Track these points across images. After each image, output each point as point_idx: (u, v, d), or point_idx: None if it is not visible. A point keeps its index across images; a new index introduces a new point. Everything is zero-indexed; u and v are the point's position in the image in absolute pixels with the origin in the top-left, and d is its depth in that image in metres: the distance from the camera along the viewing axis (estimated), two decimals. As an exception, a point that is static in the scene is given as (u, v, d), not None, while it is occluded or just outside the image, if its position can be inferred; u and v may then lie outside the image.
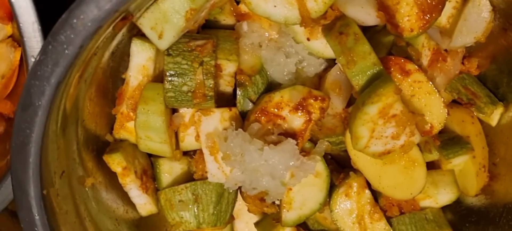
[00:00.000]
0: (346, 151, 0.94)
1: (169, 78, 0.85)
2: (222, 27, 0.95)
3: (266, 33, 0.92)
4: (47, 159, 0.76)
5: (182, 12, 0.80)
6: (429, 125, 0.89)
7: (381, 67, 0.83)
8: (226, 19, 0.94)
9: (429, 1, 0.79)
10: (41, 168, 0.75)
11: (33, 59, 0.79)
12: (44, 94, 0.70)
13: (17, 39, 1.00)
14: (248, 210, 0.98)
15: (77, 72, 0.73)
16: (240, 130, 0.86)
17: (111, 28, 0.72)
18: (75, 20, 0.66)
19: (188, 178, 0.97)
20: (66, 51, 0.67)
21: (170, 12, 0.79)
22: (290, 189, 0.91)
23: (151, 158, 0.98)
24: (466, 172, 0.97)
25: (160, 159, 0.96)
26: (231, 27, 0.95)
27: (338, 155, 0.99)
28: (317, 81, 0.95)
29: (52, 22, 0.76)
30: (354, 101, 0.89)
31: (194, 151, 0.96)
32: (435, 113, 0.89)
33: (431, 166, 0.97)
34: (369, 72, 0.83)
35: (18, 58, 1.00)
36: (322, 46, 0.90)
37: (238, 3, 0.93)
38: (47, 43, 0.67)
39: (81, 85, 0.79)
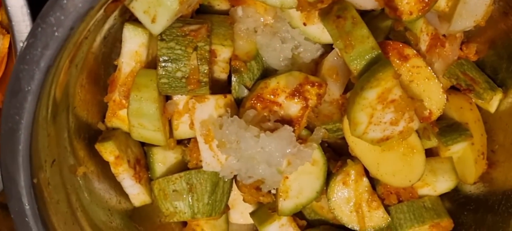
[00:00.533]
0: (343, 138, 0.92)
1: (163, 64, 0.83)
2: (216, 12, 0.93)
3: (262, 18, 0.90)
4: (37, 146, 0.74)
5: (175, -5, 0.77)
6: (428, 110, 0.88)
7: (380, 51, 0.81)
8: (220, 4, 0.92)
9: (428, -17, 0.77)
10: (31, 155, 0.73)
11: (22, 45, 0.77)
12: (34, 79, 0.67)
13: (6, 26, 0.97)
14: (244, 200, 0.96)
15: (67, 56, 0.71)
16: (235, 116, 0.84)
17: (102, 10, 0.69)
18: (65, 1, 0.63)
19: (182, 167, 0.95)
20: (56, 34, 0.65)
21: (163, -4, 0.77)
22: (287, 178, 0.89)
23: (144, 147, 0.96)
24: (465, 159, 0.95)
25: (154, 148, 0.94)
26: (226, 12, 0.93)
27: (335, 142, 0.97)
28: (314, 67, 0.93)
29: (41, 6, 0.74)
30: (352, 87, 0.88)
31: (188, 140, 0.94)
32: (434, 99, 0.88)
33: (430, 153, 0.95)
34: (367, 56, 0.81)
35: (7, 45, 0.97)
36: (318, 31, 0.88)
37: (232, -13, 0.91)
38: (36, 25, 0.65)
39: (72, 70, 0.77)
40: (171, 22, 0.81)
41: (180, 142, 0.95)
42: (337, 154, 0.96)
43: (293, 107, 0.87)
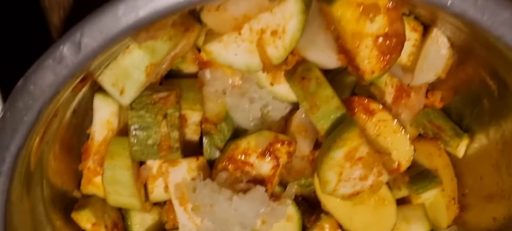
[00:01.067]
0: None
1: (134, 133, 0.85)
2: (185, 76, 0.95)
3: (230, 80, 0.92)
4: (12, 225, 0.75)
5: (142, 68, 0.79)
6: (397, 163, 0.90)
7: (345, 110, 0.83)
8: (189, 68, 0.94)
9: (388, 43, 0.80)
10: (6, 235, 0.74)
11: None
12: (5, 162, 0.69)
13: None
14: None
15: (37, 136, 0.72)
16: (208, 180, 0.86)
17: (69, 90, 0.71)
18: (32, 87, 0.65)
19: (160, 228, 0.96)
20: (25, 118, 0.66)
21: (130, 68, 0.79)
22: (262, 235, 0.91)
23: (122, 210, 0.97)
24: (436, 205, 0.97)
25: (131, 211, 0.95)
26: (194, 75, 0.95)
27: (309, 195, 0.99)
28: (283, 124, 0.95)
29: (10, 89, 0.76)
30: (321, 141, 0.90)
31: (165, 201, 0.95)
32: (402, 151, 0.90)
33: (402, 201, 0.97)
34: (332, 116, 0.83)
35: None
36: (286, 90, 0.91)
37: (199, 50, 0.93)
38: (5, 110, 0.67)
39: (43, 146, 0.78)
40: (139, 92, 0.83)
41: (156, 204, 0.96)
42: (312, 206, 0.98)
43: (265, 167, 0.89)
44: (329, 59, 0.86)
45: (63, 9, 1.02)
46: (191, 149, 0.93)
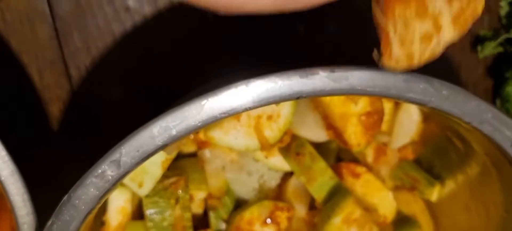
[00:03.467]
0: (313, 249, 1.05)
1: (150, 217, 0.93)
2: (186, 156, 1.04)
3: (228, 157, 1.02)
4: None
5: (159, 163, 0.88)
6: (383, 217, 1.02)
7: (337, 179, 0.95)
8: (189, 148, 1.03)
9: (370, 120, 0.92)
10: None
11: (25, 226, 0.85)
12: (51, 269, 0.76)
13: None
14: None
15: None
16: (219, 253, 0.95)
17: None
18: (77, 201, 0.73)
19: None
20: (70, 228, 0.74)
21: (147, 165, 0.88)
22: None
23: None
24: (418, 247, 1.10)
25: None
26: (194, 154, 1.04)
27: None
28: (278, 191, 1.05)
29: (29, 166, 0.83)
30: (314, 204, 1.01)
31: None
32: (387, 206, 1.02)
33: (387, 246, 1.09)
34: (328, 185, 0.95)
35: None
36: (279, 162, 1.01)
37: (197, 132, 1.02)
38: (52, 222, 0.74)
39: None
40: (155, 184, 0.91)
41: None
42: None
43: (268, 233, 0.99)
44: (319, 135, 0.97)
45: (62, 101, 1.09)
46: (196, 221, 1.02)
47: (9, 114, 1.07)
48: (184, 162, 1.01)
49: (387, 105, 1.00)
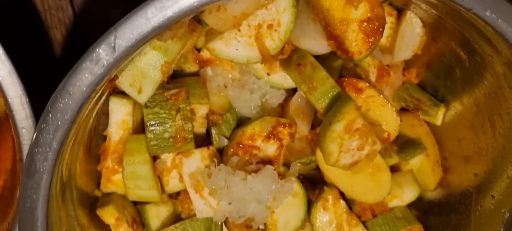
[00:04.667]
0: (315, 169, 1.04)
1: (151, 128, 0.93)
2: (188, 75, 1.03)
3: (229, 75, 1.02)
4: (52, 219, 0.81)
5: (158, 66, 0.88)
6: (386, 133, 1.00)
7: (339, 88, 0.94)
8: (191, 67, 1.03)
9: (371, 26, 0.90)
10: (47, 229, 0.80)
11: (24, 130, 0.85)
12: (47, 159, 0.76)
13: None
14: (234, 240, 1.05)
15: (73, 135, 0.79)
16: (222, 165, 0.94)
17: (101, 90, 0.79)
18: (72, 88, 0.73)
19: (175, 218, 1.04)
20: (66, 117, 0.74)
21: (146, 68, 0.87)
22: (273, 212, 0.99)
23: (137, 206, 1.04)
24: (423, 169, 1.08)
25: (147, 205, 1.03)
26: (196, 74, 1.03)
27: (308, 174, 1.08)
28: (281, 111, 1.04)
29: (35, 93, 0.83)
30: (317, 123, 1.00)
31: (178, 192, 1.03)
32: (390, 122, 1.01)
33: (392, 170, 1.07)
34: (329, 94, 0.93)
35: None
36: (281, 78, 1.00)
37: (198, 50, 1.02)
38: (47, 112, 0.74)
39: (75, 147, 0.85)
40: (154, 90, 0.91)
41: (170, 196, 1.04)
42: (312, 184, 1.07)
43: (270, 148, 0.98)
44: (320, 46, 0.96)
45: (64, 25, 1.09)
46: (198, 141, 1.01)
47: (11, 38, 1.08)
48: (185, 79, 1.01)
49: (389, 19, 0.99)
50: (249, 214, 0.95)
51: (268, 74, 1.00)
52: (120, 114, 0.95)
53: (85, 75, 0.72)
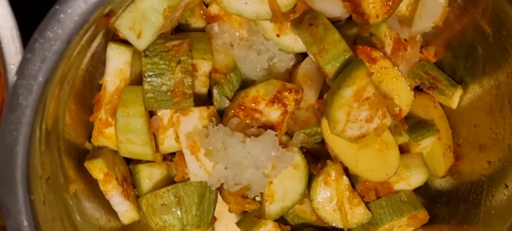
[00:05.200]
0: (320, 143, 0.98)
1: (148, 79, 0.87)
2: (193, 30, 0.97)
3: (237, 33, 0.96)
4: (33, 163, 0.76)
5: (160, 10, 0.82)
6: (398, 108, 0.94)
7: (351, 53, 0.88)
8: (197, 22, 0.97)
9: (391, -12, 0.84)
10: (28, 171, 0.75)
11: (12, 66, 0.80)
12: (32, 93, 0.70)
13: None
14: (229, 210, 0.99)
15: (62, 73, 0.74)
16: (220, 125, 0.89)
17: (95, 24, 0.73)
18: (62, 15, 0.67)
19: (167, 182, 0.98)
20: (54, 47, 0.68)
21: (148, 11, 0.82)
22: (271, 183, 0.93)
23: (130, 165, 0.99)
24: (434, 153, 1.02)
25: (139, 165, 0.97)
26: (202, 30, 0.97)
27: (312, 148, 1.02)
28: (288, 77, 0.98)
29: (29, 31, 0.77)
30: (325, 92, 0.94)
31: (172, 155, 0.97)
32: (403, 96, 0.94)
33: (401, 151, 1.01)
34: (341, 58, 0.87)
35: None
36: (291, 41, 0.94)
37: (206, 6, 0.96)
38: (34, 40, 0.68)
39: (65, 87, 0.79)
40: (155, 37, 0.85)
41: (164, 159, 0.98)
42: (315, 158, 1.01)
43: (274, 114, 0.92)
44: (335, 7, 0.90)
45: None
46: (199, 101, 0.95)
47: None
48: (189, 33, 0.95)
49: (411, -13, 0.93)
50: (245, 181, 0.90)
51: (277, 35, 0.94)
52: (117, 62, 0.89)
53: (78, 3, 0.67)
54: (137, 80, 0.93)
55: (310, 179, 0.96)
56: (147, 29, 0.83)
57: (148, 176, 0.97)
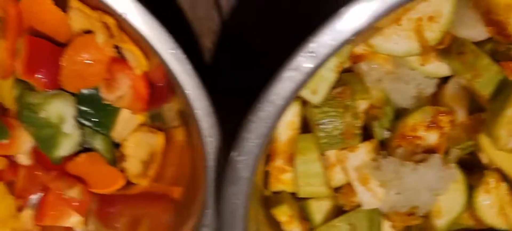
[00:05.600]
0: (469, 154, 1.06)
1: (322, 127, 0.97)
2: (342, 72, 1.06)
3: (384, 69, 1.04)
4: (250, 223, 0.87)
5: (332, 68, 0.91)
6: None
7: (504, 74, 0.95)
8: (345, 64, 1.06)
9: (537, 9, 0.91)
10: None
11: (210, 140, 0.90)
12: (250, 167, 0.80)
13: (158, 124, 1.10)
14: (393, 227, 1.08)
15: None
16: (390, 157, 0.97)
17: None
18: (274, 97, 0.77)
19: (335, 211, 1.08)
20: (268, 125, 0.78)
21: (323, 70, 0.91)
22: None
23: (299, 202, 1.09)
24: None
25: (309, 200, 1.07)
26: (349, 70, 1.06)
27: (462, 159, 1.09)
28: (432, 99, 1.06)
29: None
30: (473, 110, 1.01)
31: (338, 187, 1.07)
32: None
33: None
34: (495, 80, 0.95)
35: (161, 143, 1.10)
36: (435, 68, 1.02)
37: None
38: (249, 122, 0.78)
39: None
40: (329, 91, 0.94)
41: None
42: (468, 168, 1.09)
43: (432, 137, 1.00)
44: (479, 32, 0.97)
45: (213, 33, 1.14)
46: (358, 136, 1.04)
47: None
48: (343, 76, 1.04)
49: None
50: (419, 203, 0.98)
51: (422, 65, 1.02)
52: (288, 115, 0.99)
53: (287, 83, 0.76)
54: (302, 127, 1.02)
55: (470, 189, 1.04)
56: (322, 85, 0.92)
57: (318, 209, 1.07)
